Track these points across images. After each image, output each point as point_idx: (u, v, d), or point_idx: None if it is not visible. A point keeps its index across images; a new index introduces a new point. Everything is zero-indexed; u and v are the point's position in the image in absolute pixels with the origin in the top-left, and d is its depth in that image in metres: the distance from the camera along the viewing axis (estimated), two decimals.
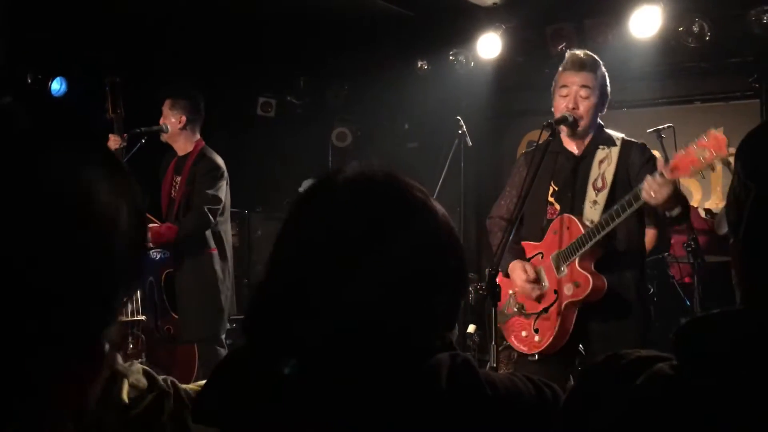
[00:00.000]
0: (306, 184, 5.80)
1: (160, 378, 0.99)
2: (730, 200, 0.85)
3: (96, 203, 0.54)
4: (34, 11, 4.97)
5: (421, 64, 6.29)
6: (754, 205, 0.79)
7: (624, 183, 2.86)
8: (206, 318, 4.15)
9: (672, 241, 5.04)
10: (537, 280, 2.93)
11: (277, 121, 7.07)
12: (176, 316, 4.21)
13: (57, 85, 5.93)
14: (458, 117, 4.71)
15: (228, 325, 4.31)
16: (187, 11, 5.31)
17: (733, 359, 0.72)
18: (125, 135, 4.20)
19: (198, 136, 4.35)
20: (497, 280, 3.07)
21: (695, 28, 5.06)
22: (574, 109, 2.86)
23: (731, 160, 5.74)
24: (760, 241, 0.79)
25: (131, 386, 0.93)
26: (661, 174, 2.52)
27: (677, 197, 2.58)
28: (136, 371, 0.95)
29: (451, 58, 6.09)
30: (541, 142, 2.88)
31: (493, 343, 2.57)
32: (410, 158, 6.81)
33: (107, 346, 0.60)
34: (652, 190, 2.53)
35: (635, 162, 2.88)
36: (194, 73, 5.66)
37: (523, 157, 3.18)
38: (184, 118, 4.27)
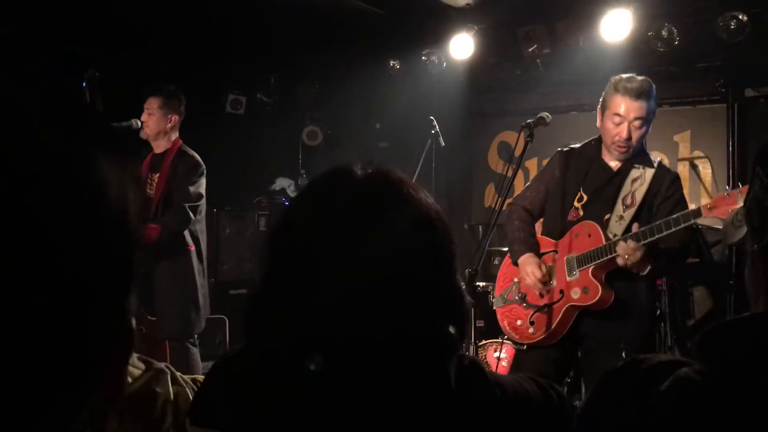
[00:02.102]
0: (279, 182, 5.76)
1: (156, 363, 0.99)
2: (752, 206, 0.83)
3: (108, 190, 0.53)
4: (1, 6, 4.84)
5: (394, 64, 6.28)
6: None
7: (650, 206, 2.90)
8: (183, 316, 4.12)
9: None
10: (547, 281, 2.94)
11: (246, 118, 7.00)
12: (151, 318, 4.13)
13: None
14: (431, 117, 4.70)
15: (203, 323, 4.28)
16: (156, 6, 5.22)
17: (761, 364, 0.71)
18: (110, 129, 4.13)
19: (177, 134, 4.29)
20: (503, 267, 3.10)
21: (664, 33, 5.13)
22: (627, 139, 2.85)
23: (697, 163, 5.83)
24: None
25: (131, 365, 0.93)
26: (698, 211, 2.59)
27: (646, 260, 2.70)
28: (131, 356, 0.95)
29: (423, 58, 6.09)
30: (517, 145, 2.90)
31: (473, 343, 2.58)
32: (382, 158, 6.79)
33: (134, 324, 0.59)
34: (626, 254, 2.65)
35: (662, 191, 2.91)
36: (163, 68, 5.57)
37: (557, 155, 3.12)
38: (175, 118, 4.22)
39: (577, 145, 2.97)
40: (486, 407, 0.91)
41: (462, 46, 5.65)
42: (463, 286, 1.00)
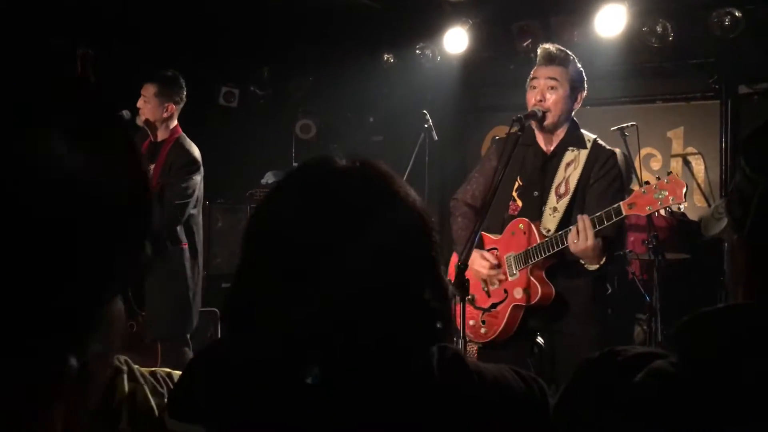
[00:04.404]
0: (269, 176, 5.72)
1: (114, 357, 0.96)
2: (733, 197, 0.84)
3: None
4: None
5: (388, 57, 6.27)
6: (762, 200, 0.78)
7: (584, 191, 2.85)
8: (173, 316, 3.99)
9: (632, 238, 5.11)
10: (499, 266, 2.92)
11: (239, 111, 6.97)
12: (142, 313, 4.03)
13: None
14: (424, 111, 4.69)
15: (195, 322, 4.15)
16: None
17: (736, 356, 0.72)
18: None
19: (176, 122, 4.14)
20: (451, 264, 3.06)
21: (659, 29, 5.13)
22: (541, 101, 2.85)
23: (690, 159, 5.83)
24: None
25: None
26: (619, 209, 2.55)
27: (597, 255, 2.62)
28: None
29: (417, 51, 6.08)
30: (512, 133, 2.87)
31: (462, 338, 2.57)
32: (375, 151, 6.77)
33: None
34: (577, 237, 2.57)
35: (595, 171, 2.85)
36: (156, 59, 5.54)
37: (495, 144, 3.12)
38: (172, 107, 4.07)
39: (513, 131, 2.89)
40: (467, 396, 0.92)
41: (456, 40, 5.64)
42: (448, 282, 1.00)
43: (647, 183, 2.53)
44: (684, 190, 2.48)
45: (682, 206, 2.52)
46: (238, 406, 0.92)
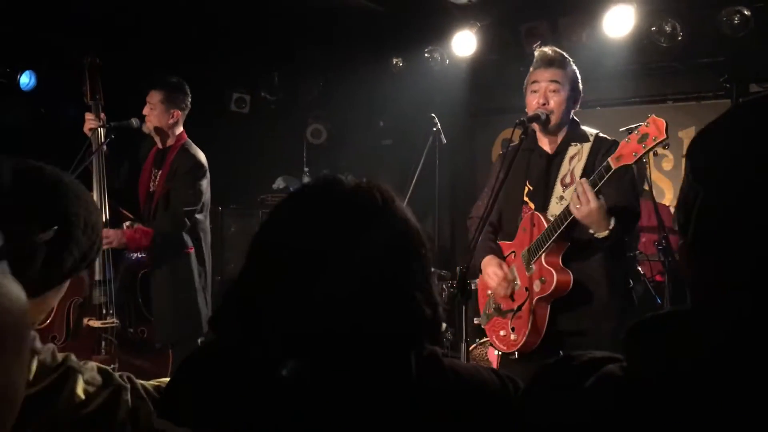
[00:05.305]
0: (280, 181, 5.73)
1: (117, 374, 0.97)
2: (679, 201, 0.82)
3: None
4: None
5: (396, 61, 6.29)
6: (702, 211, 0.76)
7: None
8: (182, 321, 3.97)
9: (643, 239, 5.09)
10: (510, 279, 2.93)
11: (251, 117, 7.02)
12: (152, 319, 4.02)
13: (26, 79, 5.82)
14: (433, 114, 4.70)
15: (206, 327, 4.11)
16: (160, 4, 5.23)
17: (677, 360, 0.72)
18: (107, 127, 3.95)
19: (181, 128, 4.14)
20: (478, 282, 3.07)
21: (668, 28, 5.11)
22: (544, 104, 2.86)
23: (683, 146, 5.79)
24: (707, 246, 0.76)
25: (86, 383, 0.91)
26: (608, 165, 2.54)
27: (605, 221, 2.59)
28: (90, 368, 0.94)
29: (426, 55, 6.09)
30: (514, 141, 2.88)
31: (464, 341, 2.57)
32: (385, 155, 6.80)
33: None
34: (578, 201, 2.55)
35: (600, 155, 2.85)
36: (167, 66, 5.59)
37: (499, 159, 3.17)
38: (178, 113, 4.07)
39: (515, 143, 2.91)
40: (441, 393, 0.96)
41: (464, 43, 5.65)
42: (438, 297, 1.04)
43: (630, 132, 2.53)
44: (665, 126, 2.45)
45: (667, 146, 2.48)
46: (224, 409, 0.93)
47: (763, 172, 0.71)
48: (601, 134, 2.97)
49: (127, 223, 3.94)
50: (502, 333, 2.98)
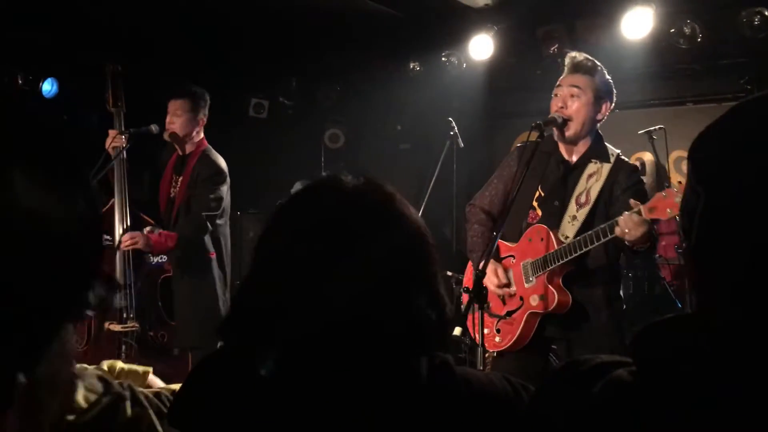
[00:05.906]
0: (297, 185, 5.76)
1: (116, 382, 0.96)
2: (682, 205, 0.81)
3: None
4: (23, 10, 4.93)
5: (413, 65, 6.29)
6: (704, 214, 0.75)
7: (606, 203, 2.81)
8: (202, 325, 3.95)
9: (663, 243, 5.04)
10: (507, 285, 2.91)
11: (269, 122, 7.05)
12: (172, 323, 4.06)
13: (48, 86, 5.90)
14: (450, 118, 4.70)
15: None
16: (178, 11, 5.29)
17: (682, 365, 0.71)
18: (127, 134, 3.99)
19: (202, 134, 4.19)
20: (467, 272, 3.04)
21: (687, 30, 5.07)
22: (562, 108, 2.82)
23: None
24: (711, 251, 0.75)
25: (86, 389, 0.91)
26: (639, 212, 2.49)
27: (650, 236, 2.54)
28: (90, 375, 0.93)
29: (443, 59, 6.09)
30: (532, 141, 2.85)
31: (480, 346, 2.56)
32: (403, 159, 6.80)
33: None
34: (627, 227, 2.49)
35: (621, 183, 2.81)
36: (187, 73, 5.64)
37: (516, 150, 3.08)
38: (203, 120, 4.13)
39: (533, 136, 2.85)
40: (452, 401, 0.94)
41: (481, 46, 5.64)
42: (446, 299, 1.03)
43: (668, 186, 2.50)
44: None
45: None
46: (232, 415, 0.94)
47: (764, 173, 0.70)
48: (622, 155, 2.91)
49: (148, 228, 3.97)
50: (485, 331, 2.93)
